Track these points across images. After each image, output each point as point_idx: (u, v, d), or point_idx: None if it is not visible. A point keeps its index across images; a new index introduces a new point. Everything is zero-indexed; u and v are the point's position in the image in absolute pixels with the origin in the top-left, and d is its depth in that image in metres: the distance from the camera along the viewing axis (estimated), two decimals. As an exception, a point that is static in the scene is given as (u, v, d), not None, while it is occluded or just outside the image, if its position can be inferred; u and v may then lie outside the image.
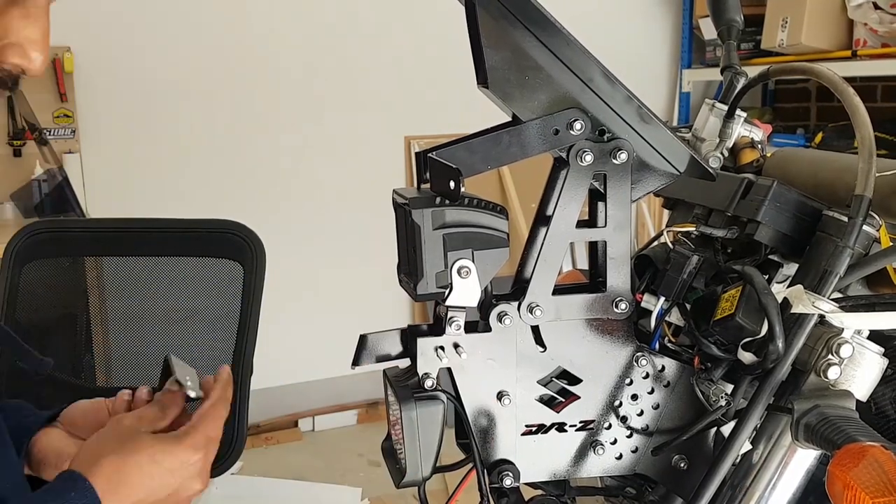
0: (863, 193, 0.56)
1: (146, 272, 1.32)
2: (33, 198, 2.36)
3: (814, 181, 0.66)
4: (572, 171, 0.58)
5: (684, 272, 0.64)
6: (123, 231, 1.36)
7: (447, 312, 0.59)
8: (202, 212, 1.54)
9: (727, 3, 0.72)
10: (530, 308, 0.60)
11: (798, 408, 0.57)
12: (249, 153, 2.69)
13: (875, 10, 2.40)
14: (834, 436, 0.54)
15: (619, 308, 0.61)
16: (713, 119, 0.71)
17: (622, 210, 0.60)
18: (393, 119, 2.81)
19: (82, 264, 1.36)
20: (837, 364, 0.56)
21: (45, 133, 2.41)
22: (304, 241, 2.69)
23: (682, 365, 0.63)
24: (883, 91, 2.81)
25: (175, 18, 2.56)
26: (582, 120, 0.57)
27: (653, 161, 0.60)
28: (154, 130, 2.59)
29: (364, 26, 2.75)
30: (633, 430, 0.63)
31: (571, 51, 0.56)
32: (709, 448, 0.63)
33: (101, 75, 2.51)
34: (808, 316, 0.56)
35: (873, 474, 0.51)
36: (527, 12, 0.55)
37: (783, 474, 0.59)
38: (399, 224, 0.60)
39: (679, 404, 0.63)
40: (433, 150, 0.57)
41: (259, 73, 2.66)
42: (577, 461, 0.63)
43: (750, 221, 0.62)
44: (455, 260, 0.56)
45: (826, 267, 0.57)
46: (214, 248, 1.28)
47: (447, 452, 0.62)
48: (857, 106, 0.59)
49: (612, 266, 0.61)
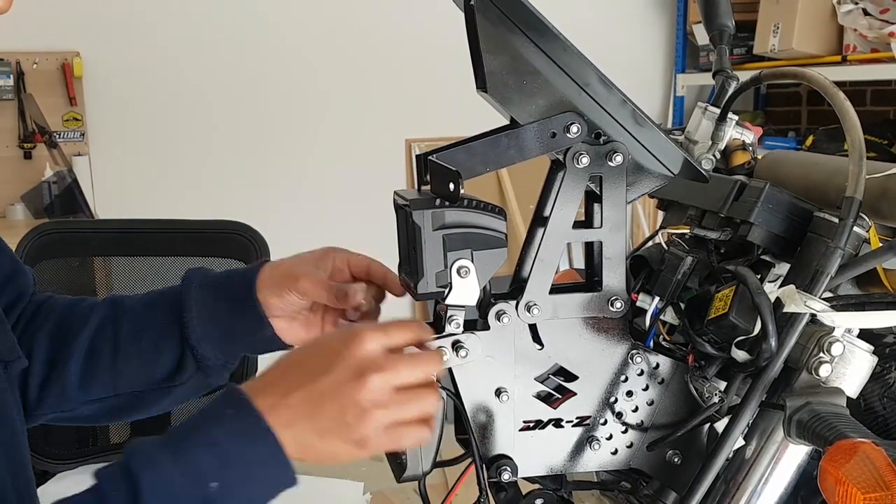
0: (853, 195, 0.57)
1: (153, 272, 1.34)
2: (43, 199, 2.39)
3: (804, 183, 0.67)
4: (569, 173, 0.60)
5: (679, 272, 0.65)
6: (131, 232, 1.38)
7: (447, 311, 0.60)
8: (208, 213, 1.56)
9: (719, 9, 0.73)
10: (528, 307, 0.61)
11: (790, 404, 0.58)
12: (253, 156, 2.71)
13: (864, 16, 2.43)
14: (825, 432, 0.55)
15: (615, 307, 0.63)
16: (706, 122, 0.73)
17: (617, 211, 0.61)
18: (394, 121, 2.83)
19: (91, 264, 1.38)
20: (829, 362, 0.57)
21: (55, 136, 2.44)
22: (306, 240, 2.69)
23: (676, 362, 0.64)
24: (872, 95, 2.84)
25: (182, 24, 2.59)
26: (578, 123, 0.59)
27: (647, 163, 0.62)
28: (161, 133, 2.62)
29: (366, 31, 2.77)
30: (629, 425, 0.64)
31: (568, 56, 0.57)
32: (702, 444, 0.64)
33: (109, 79, 2.54)
34: (799, 315, 0.57)
35: (864, 470, 0.52)
36: (525, 18, 0.56)
37: (775, 469, 0.60)
38: (400, 225, 0.62)
39: (673, 401, 0.65)
40: (433, 153, 0.59)
41: (263, 78, 2.68)
42: (573, 456, 0.64)
43: (743, 223, 0.63)
44: (454, 260, 0.57)
45: (817, 267, 0.58)
46: (220, 248, 1.30)
47: (447, 448, 0.63)
48: (847, 110, 0.60)
49: (607, 266, 0.62)
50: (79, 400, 0.72)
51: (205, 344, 0.71)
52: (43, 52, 2.42)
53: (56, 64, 2.45)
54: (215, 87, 2.63)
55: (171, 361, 0.71)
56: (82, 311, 0.74)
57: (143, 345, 0.71)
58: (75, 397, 0.72)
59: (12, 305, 0.73)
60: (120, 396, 0.72)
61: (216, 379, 0.74)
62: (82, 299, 0.77)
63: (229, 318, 0.71)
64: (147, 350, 0.71)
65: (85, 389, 0.72)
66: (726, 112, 0.73)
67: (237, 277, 0.72)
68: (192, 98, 2.61)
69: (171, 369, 0.72)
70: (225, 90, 2.64)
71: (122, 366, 0.72)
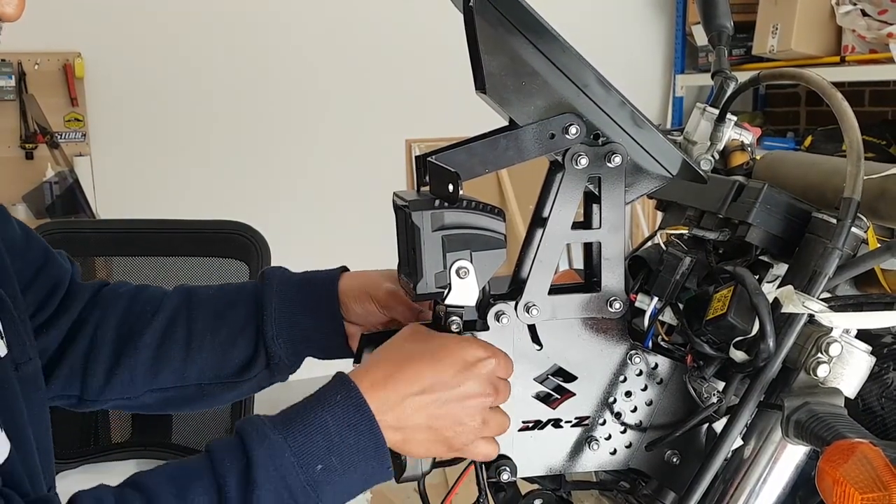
0: (851, 196, 0.58)
1: (154, 271, 1.34)
2: (45, 199, 2.40)
3: (803, 183, 0.67)
4: (568, 174, 0.60)
5: (677, 273, 0.65)
6: (132, 232, 1.38)
7: (446, 312, 0.60)
8: (208, 213, 1.56)
9: (717, 10, 0.73)
10: (527, 307, 0.61)
11: (788, 405, 0.58)
12: (254, 156, 2.72)
13: (863, 17, 2.44)
14: (823, 432, 0.55)
15: (614, 307, 0.63)
16: (704, 123, 0.73)
17: (616, 212, 0.61)
18: (394, 121, 2.84)
19: (92, 264, 1.39)
20: (827, 362, 0.57)
21: (57, 136, 2.45)
22: (307, 240, 2.72)
23: (674, 363, 0.64)
24: (870, 95, 2.85)
25: (183, 25, 2.59)
26: (577, 124, 0.59)
27: (646, 164, 0.62)
28: (162, 134, 2.63)
29: (366, 31, 2.77)
30: (627, 425, 0.65)
31: (567, 57, 0.58)
32: (701, 444, 0.64)
33: (110, 80, 2.55)
34: (798, 315, 0.57)
35: (862, 470, 0.52)
36: (524, 20, 0.57)
37: (773, 469, 0.60)
38: (399, 225, 0.62)
39: (672, 401, 0.65)
40: (433, 154, 0.59)
41: (264, 79, 2.69)
42: (572, 456, 0.64)
43: (741, 223, 0.63)
44: (454, 261, 0.57)
45: (815, 268, 0.58)
46: (220, 249, 1.31)
47: (446, 448, 0.63)
48: (845, 110, 0.60)
49: (606, 266, 0.62)
50: (145, 387, 0.72)
51: (279, 342, 0.71)
52: (44, 52, 2.43)
53: (57, 64, 2.45)
54: (216, 87, 2.64)
55: (243, 357, 0.72)
56: (151, 299, 0.74)
57: (219, 338, 0.72)
58: (142, 385, 0.72)
59: (50, 294, 0.72)
60: (186, 388, 0.73)
61: (281, 377, 0.74)
62: (146, 287, 0.77)
63: (308, 320, 0.71)
64: (222, 343, 0.72)
65: (154, 377, 0.72)
66: (725, 113, 0.73)
67: (319, 280, 0.73)
68: (192, 98, 2.61)
69: (241, 365, 0.72)
70: (225, 91, 2.65)
71: (195, 357, 0.72)
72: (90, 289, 0.75)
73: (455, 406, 0.57)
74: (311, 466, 0.53)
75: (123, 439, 1.42)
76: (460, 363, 0.57)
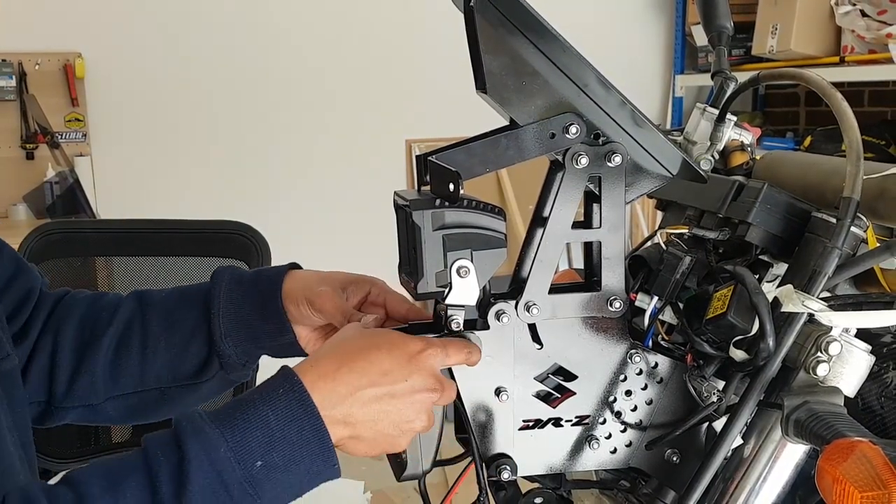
0: (851, 196, 0.58)
1: (154, 271, 1.35)
2: (45, 199, 2.40)
3: (802, 183, 0.67)
4: (568, 173, 0.60)
5: (677, 272, 0.65)
6: (133, 232, 1.38)
7: (447, 311, 0.60)
8: (208, 213, 1.57)
9: (717, 10, 0.74)
10: (527, 307, 0.61)
11: (788, 404, 0.58)
12: (254, 156, 2.72)
13: (862, 18, 2.44)
14: (823, 431, 0.55)
15: (614, 307, 0.63)
16: (704, 123, 0.73)
17: (616, 211, 0.62)
18: (394, 122, 2.84)
19: (93, 264, 1.39)
20: (826, 361, 0.58)
21: (57, 136, 2.45)
22: (307, 240, 2.72)
23: (674, 362, 0.65)
24: (870, 96, 2.85)
25: (183, 25, 2.59)
26: (577, 124, 0.59)
27: (646, 164, 0.62)
28: (162, 134, 2.63)
29: (367, 31, 2.78)
30: (628, 424, 0.65)
31: (568, 57, 0.58)
32: (701, 442, 0.65)
33: (111, 80, 2.55)
34: (797, 315, 0.58)
35: (861, 469, 0.52)
36: (524, 20, 0.57)
37: (773, 468, 0.61)
38: (400, 225, 0.62)
39: (672, 400, 0.65)
40: (433, 154, 0.59)
41: (264, 78, 2.69)
42: (572, 455, 0.65)
43: (741, 223, 0.63)
44: (454, 260, 0.57)
45: (815, 267, 0.58)
46: (220, 248, 1.31)
47: (447, 447, 0.63)
48: (844, 110, 0.60)
49: (606, 266, 0.62)
50: (107, 393, 0.72)
51: (228, 341, 0.71)
52: (45, 52, 2.43)
53: (58, 65, 2.45)
54: (216, 87, 2.64)
55: (198, 358, 0.72)
56: (108, 304, 0.75)
57: (173, 339, 0.72)
58: (103, 390, 0.72)
59: (22, 303, 0.73)
60: (146, 392, 0.73)
61: (238, 377, 0.74)
62: (104, 294, 0.77)
63: (254, 319, 0.71)
64: (176, 345, 0.72)
65: (114, 381, 0.72)
66: (725, 113, 0.73)
67: (265, 280, 0.72)
68: (193, 98, 2.61)
69: (198, 366, 0.72)
70: (226, 91, 2.65)
71: (151, 360, 0.72)
72: (54, 297, 0.76)
73: (404, 401, 0.56)
74: (249, 462, 0.52)
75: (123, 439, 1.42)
76: (406, 355, 0.56)
